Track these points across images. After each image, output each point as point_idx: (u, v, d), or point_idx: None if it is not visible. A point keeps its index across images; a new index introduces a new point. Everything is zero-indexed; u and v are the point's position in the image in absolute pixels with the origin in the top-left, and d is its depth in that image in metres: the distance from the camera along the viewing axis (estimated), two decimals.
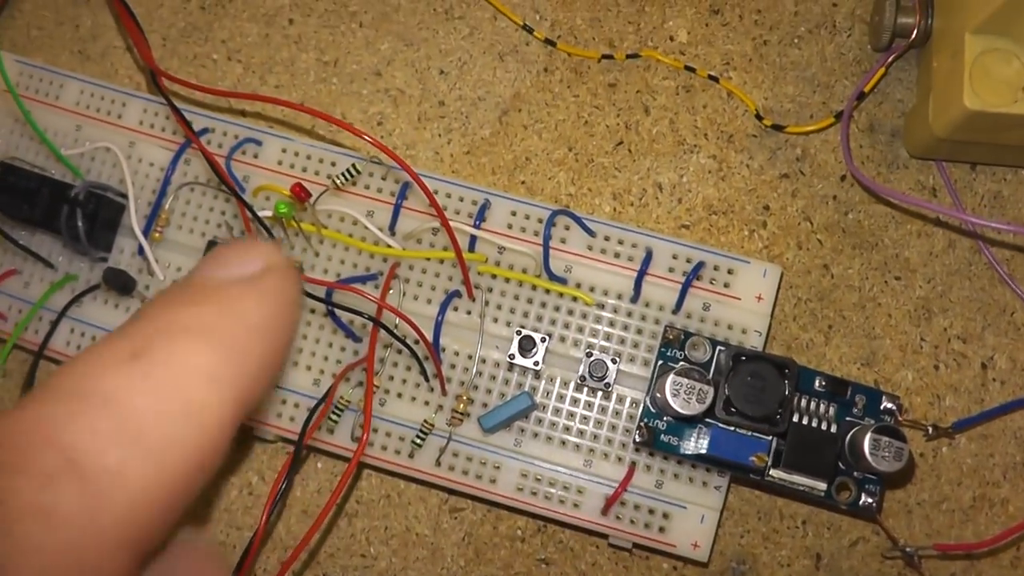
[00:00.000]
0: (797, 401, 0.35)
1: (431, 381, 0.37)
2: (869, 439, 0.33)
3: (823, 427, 0.35)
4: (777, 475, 0.35)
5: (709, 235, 0.41)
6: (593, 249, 0.38)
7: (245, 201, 0.37)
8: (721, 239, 0.41)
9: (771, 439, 0.35)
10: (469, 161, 0.42)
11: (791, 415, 0.34)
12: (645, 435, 0.35)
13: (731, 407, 0.34)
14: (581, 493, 0.36)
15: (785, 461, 0.34)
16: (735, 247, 0.41)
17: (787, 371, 0.34)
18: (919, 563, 0.36)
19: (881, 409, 0.35)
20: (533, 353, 0.37)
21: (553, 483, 0.37)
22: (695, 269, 0.37)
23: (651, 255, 0.37)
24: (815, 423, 0.35)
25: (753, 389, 0.34)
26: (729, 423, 0.35)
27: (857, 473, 0.35)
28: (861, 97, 0.41)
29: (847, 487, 0.35)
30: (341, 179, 0.37)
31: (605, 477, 0.36)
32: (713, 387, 0.33)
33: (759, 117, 0.41)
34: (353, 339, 0.38)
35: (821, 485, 0.35)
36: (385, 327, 0.36)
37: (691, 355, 0.36)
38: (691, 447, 0.35)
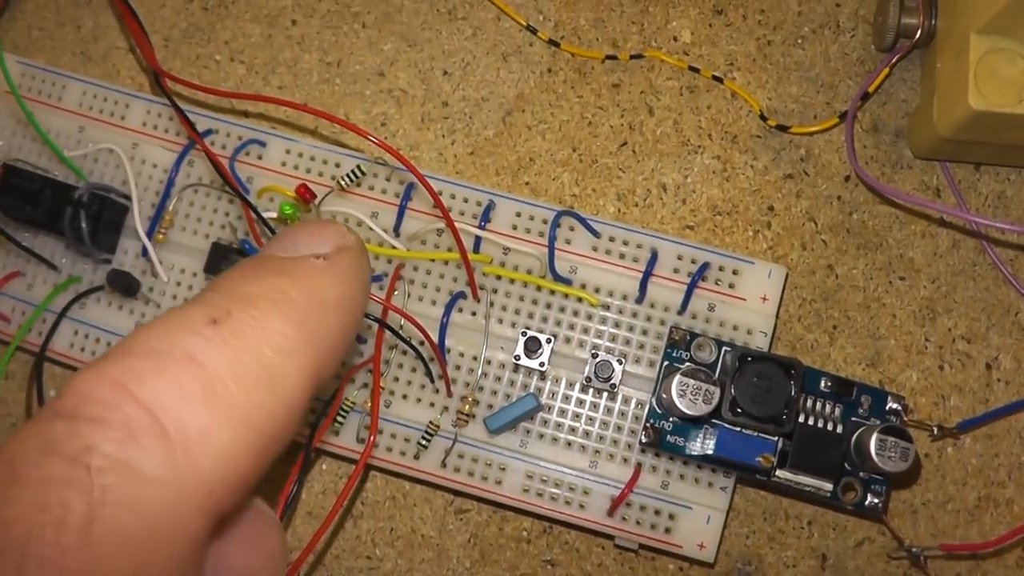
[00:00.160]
0: (803, 401, 0.35)
1: (436, 382, 0.37)
2: (875, 439, 0.33)
3: (829, 427, 0.35)
4: (783, 475, 0.35)
5: (714, 236, 0.41)
6: (598, 250, 0.38)
7: (249, 202, 0.37)
8: (726, 240, 0.41)
9: (777, 439, 0.35)
10: (473, 162, 0.42)
11: (797, 415, 0.34)
12: (651, 436, 0.35)
13: (737, 408, 0.34)
14: (587, 494, 0.36)
15: (791, 462, 0.34)
16: (740, 248, 0.40)
17: (793, 371, 0.34)
18: (925, 563, 0.36)
19: (886, 409, 0.35)
20: (538, 354, 0.37)
21: (559, 484, 0.36)
22: (700, 270, 0.37)
23: (656, 256, 0.37)
24: (821, 423, 0.35)
25: (759, 390, 0.34)
26: (735, 424, 0.35)
27: (863, 473, 0.35)
28: (865, 97, 0.41)
29: (853, 487, 0.35)
30: (346, 180, 0.37)
31: (611, 478, 0.36)
32: (719, 388, 0.33)
33: (763, 117, 0.41)
34: (358, 340, 0.38)
35: (827, 485, 0.35)
36: (390, 328, 0.36)
37: (697, 356, 0.36)
38: (697, 448, 0.35)
